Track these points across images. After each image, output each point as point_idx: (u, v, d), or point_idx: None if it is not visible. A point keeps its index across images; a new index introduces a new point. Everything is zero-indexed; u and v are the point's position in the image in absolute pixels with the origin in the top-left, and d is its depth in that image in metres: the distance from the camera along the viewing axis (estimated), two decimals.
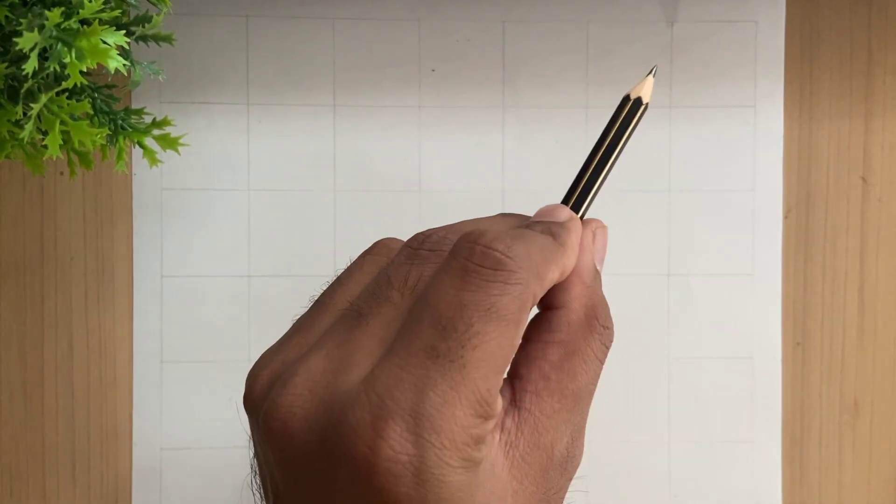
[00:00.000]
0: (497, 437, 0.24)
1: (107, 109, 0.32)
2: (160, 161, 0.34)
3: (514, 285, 0.24)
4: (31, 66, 0.26)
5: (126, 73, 0.30)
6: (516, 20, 0.41)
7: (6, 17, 0.27)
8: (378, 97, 0.41)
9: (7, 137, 0.29)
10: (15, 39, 0.26)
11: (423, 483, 0.22)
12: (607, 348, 0.28)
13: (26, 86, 0.28)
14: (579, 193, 0.30)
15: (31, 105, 0.28)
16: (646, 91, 0.31)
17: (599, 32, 0.41)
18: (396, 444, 0.22)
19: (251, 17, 0.40)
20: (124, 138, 0.33)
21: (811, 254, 0.41)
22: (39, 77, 0.28)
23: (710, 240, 0.41)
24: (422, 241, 0.27)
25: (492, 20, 0.41)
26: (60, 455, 0.40)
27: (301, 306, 0.39)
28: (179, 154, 0.35)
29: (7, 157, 0.30)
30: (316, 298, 0.28)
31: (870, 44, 0.41)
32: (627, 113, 0.31)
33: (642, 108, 0.31)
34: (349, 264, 0.28)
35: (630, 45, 0.41)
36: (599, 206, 0.41)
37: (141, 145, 0.33)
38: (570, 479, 0.27)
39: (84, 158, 0.33)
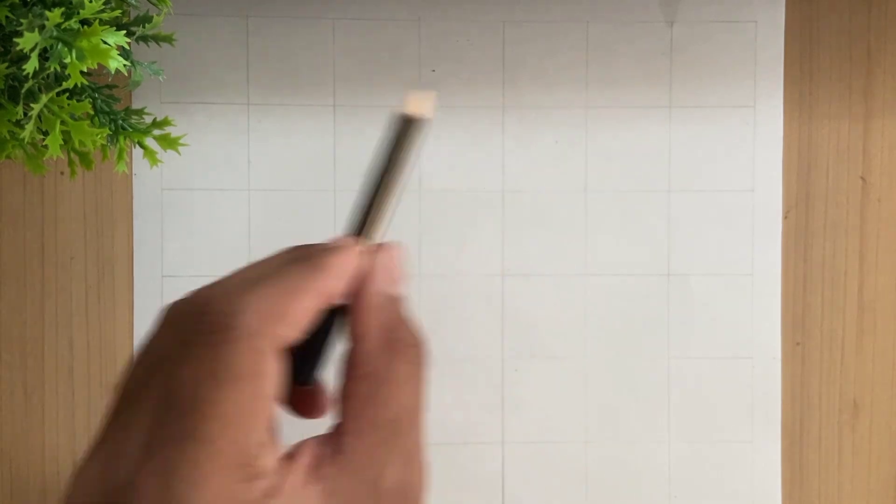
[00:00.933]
0: (311, 488, 0.24)
1: (107, 109, 0.32)
2: (160, 161, 0.34)
3: (239, 341, 0.23)
4: (31, 66, 0.26)
5: (126, 74, 0.30)
6: (516, 20, 0.41)
7: (7, 17, 0.27)
8: (378, 97, 0.41)
9: (8, 137, 0.29)
10: (15, 40, 0.26)
11: None
12: (418, 366, 0.26)
13: (27, 86, 0.28)
14: (364, 220, 0.28)
15: (32, 105, 0.28)
16: (419, 107, 0.28)
17: (599, 33, 0.41)
18: None
19: (251, 17, 0.40)
20: (125, 138, 0.33)
21: (811, 254, 0.41)
22: (40, 77, 0.28)
23: (710, 240, 0.41)
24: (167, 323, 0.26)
25: (492, 21, 0.41)
26: (61, 456, 0.40)
27: None
28: (180, 154, 0.35)
29: (8, 157, 0.30)
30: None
31: (869, 45, 0.41)
32: (403, 132, 0.28)
33: (418, 124, 0.27)
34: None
35: (630, 45, 0.41)
36: (599, 206, 0.41)
37: (141, 145, 0.33)
38: None
39: (84, 158, 0.33)
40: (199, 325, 0.23)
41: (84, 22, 0.28)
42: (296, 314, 0.24)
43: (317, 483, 0.24)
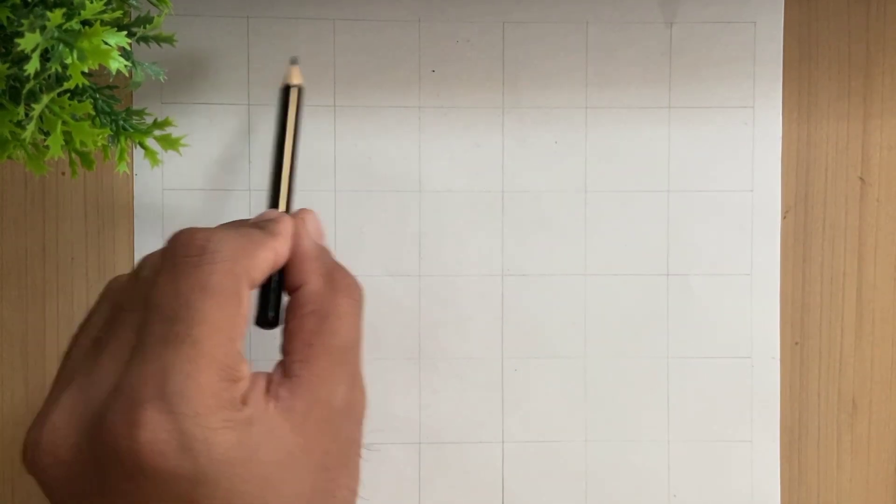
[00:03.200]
0: (272, 405, 0.26)
1: (108, 110, 0.32)
2: (161, 161, 0.34)
3: (220, 263, 0.27)
4: (32, 66, 0.26)
5: (127, 74, 0.30)
6: (516, 21, 0.41)
7: (8, 18, 0.27)
8: (378, 98, 0.41)
9: (9, 138, 0.29)
10: (17, 40, 0.26)
11: (190, 451, 0.24)
12: (357, 301, 0.30)
13: (28, 86, 0.28)
14: (278, 194, 0.34)
15: (33, 106, 0.28)
16: (294, 77, 0.35)
17: (599, 33, 0.41)
18: (153, 425, 0.24)
19: (252, 18, 0.40)
20: (126, 139, 0.33)
21: (809, 254, 0.42)
22: (41, 78, 0.28)
23: (709, 240, 0.41)
24: (140, 266, 0.29)
25: (492, 21, 0.41)
26: None
27: None
28: (181, 154, 0.36)
29: (9, 157, 0.30)
30: (63, 354, 0.30)
31: (868, 45, 0.41)
32: (284, 102, 0.35)
33: (294, 92, 0.35)
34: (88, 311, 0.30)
35: (629, 45, 0.41)
36: (599, 206, 0.41)
37: (142, 146, 0.33)
38: (360, 424, 0.30)
39: (85, 159, 0.33)
40: (187, 249, 0.27)
41: (85, 23, 0.28)
42: (259, 262, 0.28)
43: (274, 400, 0.27)
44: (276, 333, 0.31)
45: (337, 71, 0.41)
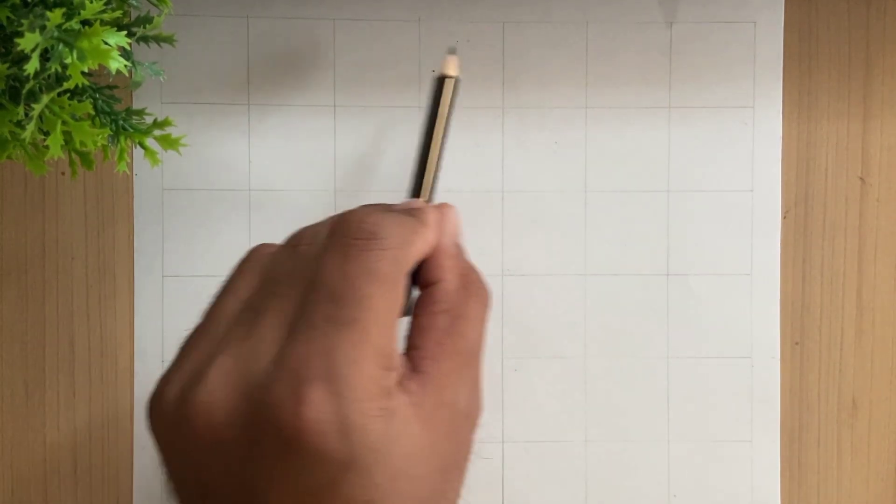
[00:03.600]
0: (404, 398, 0.26)
1: (108, 110, 0.32)
2: (161, 161, 0.34)
3: (388, 249, 0.27)
4: (32, 66, 0.26)
5: (127, 74, 0.30)
6: (516, 21, 0.41)
7: (8, 17, 0.27)
8: (378, 98, 0.41)
9: (9, 138, 0.29)
10: (16, 40, 0.26)
11: (349, 435, 0.24)
12: (486, 307, 0.30)
13: (28, 86, 0.28)
14: (419, 182, 0.34)
15: (33, 105, 0.28)
16: (451, 68, 0.34)
17: (598, 33, 0.41)
18: (318, 405, 0.24)
19: (252, 17, 0.40)
20: (125, 139, 0.33)
21: (809, 254, 0.42)
22: (41, 78, 0.28)
23: (709, 240, 0.41)
24: (299, 239, 0.30)
25: (491, 21, 0.41)
26: (62, 455, 0.40)
27: None
28: (181, 154, 0.36)
29: (9, 157, 0.30)
30: (203, 313, 0.29)
31: (868, 45, 0.41)
32: (437, 93, 0.34)
33: (448, 83, 0.34)
34: (227, 276, 0.30)
35: (629, 45, 0.41)
36: (599, 205, 0.41)
37: (142, 146, 0.33)
38: (475, 430, 0.29)
39: (85, 159, 0.33)
40: (357, 232, 0.27)
41: (85, 23, 0.28)
42: (415, 252, 0.29)
43: (403, 394, 0.26)
44: None
45: (337, 71, 0.41)
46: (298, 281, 0.27)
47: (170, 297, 0.40)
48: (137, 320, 0.40)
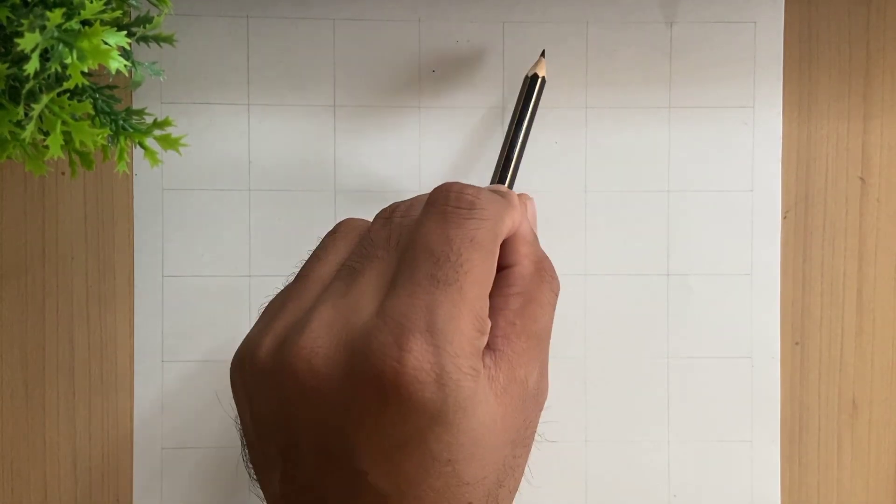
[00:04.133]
0: (482, 370, 0.27)
1: (108, 110, 0.32)
2: (161, 161, 0.34)
3: (486, 220, 0.28)
4: (32, 66, 0.26)
5: (127, 74, 0.30)
6: (516, 21, 0.41)
7: (7, 17, 0.27)
8: (378, 98, 0.41)
9: (9, 138, 0.29)
10: (16, 40, 0.26)
11: (444, 387, 0.25)
12: (556, 295, 0.31)
13: (28, 86, 0.28)
14: (505, 170, 0.35)
15: (33, 105, 0.28)
16: (541, 69, 0.37)
17: (598, 33, 0.41)
18: (419, 354, 0.25)
19: (252, 17, 0.40)
20: (125, 139, 0.33)
21: (810, 254, 0.42)
22: (41, 78, 0.28)
23: (709, 240, 0.41)
24: (392, 211, 0.31)
25: (492, 21, 0.41)
26: (61, 454, 0.40)
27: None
28: (181, 154, 0.36)
29: (8, 157, 0.30)
30: (295, 275, 0.31)
31: (868, 45, 0.41)
32: (530, 91, 0.37)
33: (540, 82, 0.37)
34: (318, 246, 0.32)
35: (629, 45, 0.41)
36: (599, 205, 0.41)
37: (142, 146, 0.33)
38: (541, 411, 0.31)
39: (85, 159, 0.33)
40: (458, 201, 0.29)
41: (85, 23, 0.28)
42: (505, 228, 0.30)
43: (483, 368, 0.28)
44: None
45: (337, 70, 0.41)
46: (396, 244, 0.29)
47: (170, 297, 0.41)
48: (137, 320, 0.40)
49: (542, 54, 0.38)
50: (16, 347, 0.40)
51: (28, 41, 0.26)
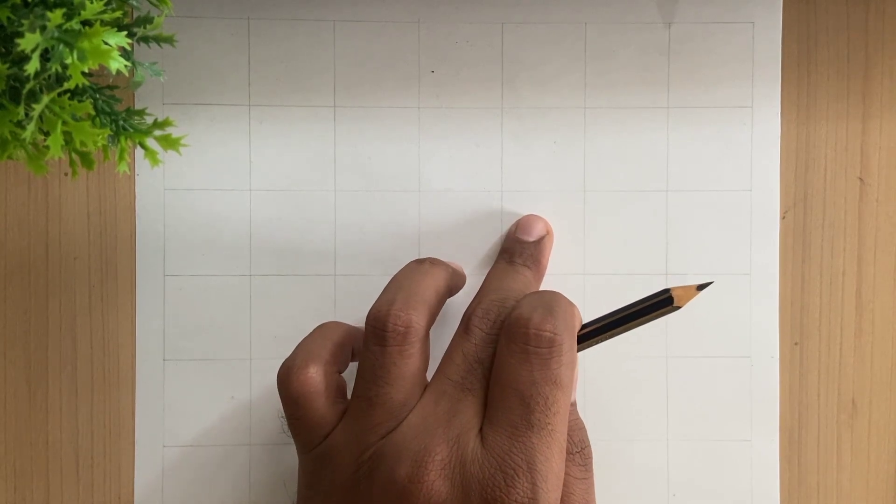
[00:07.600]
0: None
1: (108, 110, 0.32)
2: (161, 161, 0.34)
3: (565, 355, 0.31)
4: (32, 66, 0.26)
5: (128, 74, 0.30)
6: (515, 22, 0.41)
7: (8, 18, 0.27)
8: (378, 98, 0.41)
9: (9, 138, 0.30)
10: (17, 40, 0.26)
11: None
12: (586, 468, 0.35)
13: (28, 87, 0.28)
14: (592, 330, 0.34)
15: (33, 106, 0.28)
16: (683, 298, 0.34)
17: (597, 34, 0.41)
18: (521, 493, 0.29)
19: (252, 19, 0.41)
20: (126, 139, 0.33)
21: (808, 254, 0.42)
22: (41, 78, 0.28)
23: (708, 240, 0.41)
24: (468, 321, 0.34)
25: (491, 22, 0.41)
26: (64, 453, 0.41)
27: (302, 305, 0.40)
28: (181, 154, 0.36)
29: (9, 157, 0.30)
30: (363, 396, 0.33)
31: (867, 45, 0.41)
32: (659, 305, 0.34)
33: (671, 307, 0.34)
34: (367, 361, 0.33)
35: (628, 46, 0.41)
36: (598, 206, 0.41)
37: (142, 146, 0.33)
38: None
39: (86, 159, 0.33)
40: (538, 342, 0.31)
41: (85, 23, 0.28)
42: (575, 348, 0.33)
43: None
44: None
45: (337, 71, 0.41)
46: (482, 378, 0.32)
47: (171, 297, 0.41)
48: (139, 319, 0.41)
49: (701, 288, 0.34)
50: (19, 346, 0.40)
51: (28, 41, 0.26)
